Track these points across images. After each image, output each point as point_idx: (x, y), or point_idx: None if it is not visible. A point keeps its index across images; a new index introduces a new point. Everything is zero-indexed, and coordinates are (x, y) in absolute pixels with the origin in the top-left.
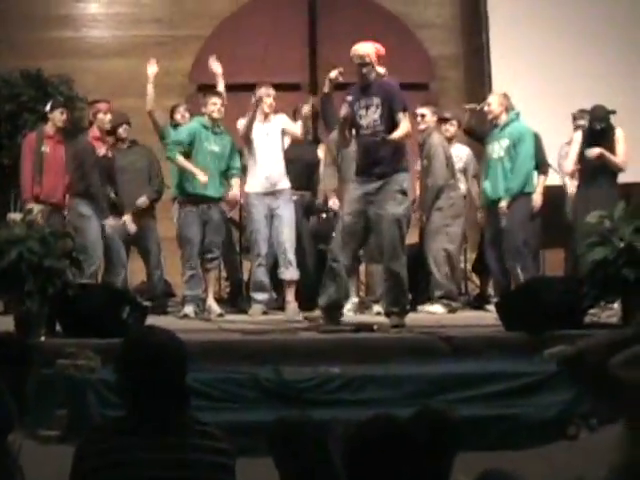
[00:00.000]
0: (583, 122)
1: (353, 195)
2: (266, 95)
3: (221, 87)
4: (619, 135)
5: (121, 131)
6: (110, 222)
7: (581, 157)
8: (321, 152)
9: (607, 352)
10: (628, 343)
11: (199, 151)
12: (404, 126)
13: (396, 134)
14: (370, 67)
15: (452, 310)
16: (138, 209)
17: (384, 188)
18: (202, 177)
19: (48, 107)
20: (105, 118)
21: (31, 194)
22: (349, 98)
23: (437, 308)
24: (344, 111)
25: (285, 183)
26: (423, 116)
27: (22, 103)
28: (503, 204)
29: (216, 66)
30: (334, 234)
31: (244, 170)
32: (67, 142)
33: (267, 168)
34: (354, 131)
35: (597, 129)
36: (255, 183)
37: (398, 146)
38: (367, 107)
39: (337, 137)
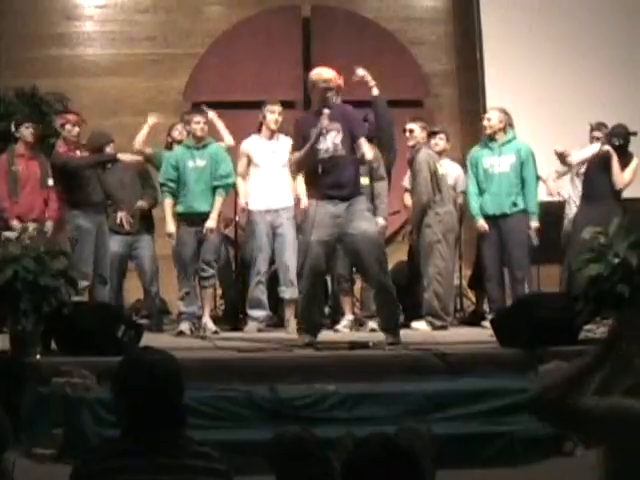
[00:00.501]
0: (599, 134)
1: (320, 220)
2: (270, 112)
3: (224, 133)
4: (634, 162)
5: (108, 150)
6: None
7: (586, 176)
8: None
9: (568, 385)
10: (587, 372)
11: (185, 173)
12: (369, 149)
13: (369, 154)
14: (334, 92)
15: (436, 328)
16: (139, 210)
17: (351, 209)
18: (170, 229)
19: (12, 127)
20: (73, 130)
21: (12, 213)
22: (326, 111)
23: (421, 325)
24: (325, 122)
25: (288, 201)
26: (412, 131)
27: (16, 122)
28: (536, 224)
29: (210, 113)
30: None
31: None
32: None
33: (270, 186)
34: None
35: (615, 145)
36: (258, 200)
37: (357, 169)
38: (327, 131)
39: (302, 155)
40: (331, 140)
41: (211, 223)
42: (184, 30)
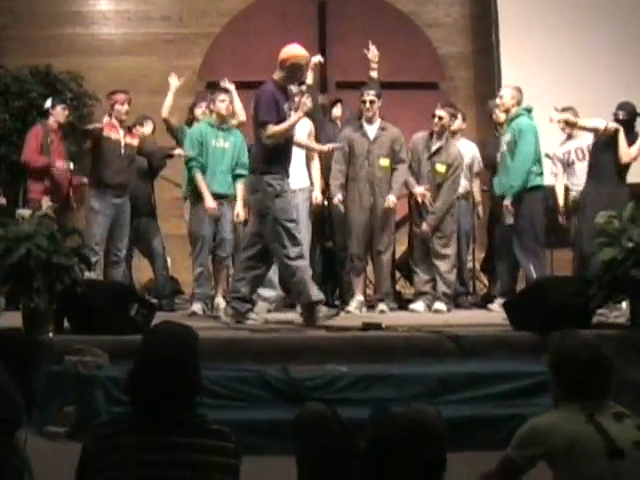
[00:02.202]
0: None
1: (289, 198)
2: None
3: (237, 103)
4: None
5: (139, 127)
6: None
7: (591, 156)
8: None
9: None
10: None
11: (207, 151)
12: None
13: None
14: None
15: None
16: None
17: None
18: (210, 203)
19: (49, 103)
20: (122, 109)
21: (42, 163)
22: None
23: (441, 306)
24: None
25: (304, 182)
26: (441, 118)
27: (31, 100)
28: (507, 202)
29: (228, 85)
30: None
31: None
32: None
33: None
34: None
35: (619, 118)
36: None
37: None
38: (290, 109)
39: (287, 129)
40: None
41: (241, 212)
42: (199, 10)
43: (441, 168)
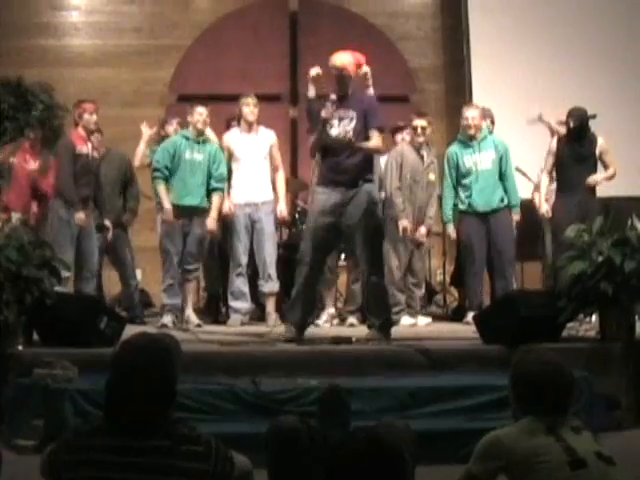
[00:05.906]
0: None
1: (323, 206)
2: (245, 105)
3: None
4: (603, 144)
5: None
6: (80, 215)
7: (558, 167)
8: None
9: None
10: None
11: (180, 163)
12: (377, 140)
13: (366, 143)
14: (348, 79)
15: None
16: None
17: (355, 198)
18: (167, 205)
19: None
20: (91, 118)
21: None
22: (333, 97)
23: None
24: (325, 113)
25: (268, 195)
26: (424, 128)
27: (2, 111)
28: (518, 217)
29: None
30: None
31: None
32: (47, 149)
33: (250, 179)
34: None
35: (570, 126)
36: (238, 194)
37: (367, 158)
38: (341, 119)
39: (314, 141)
40: (343, 127)
41: (212, 224)
42: (171, 22)
43: (432, 177)
